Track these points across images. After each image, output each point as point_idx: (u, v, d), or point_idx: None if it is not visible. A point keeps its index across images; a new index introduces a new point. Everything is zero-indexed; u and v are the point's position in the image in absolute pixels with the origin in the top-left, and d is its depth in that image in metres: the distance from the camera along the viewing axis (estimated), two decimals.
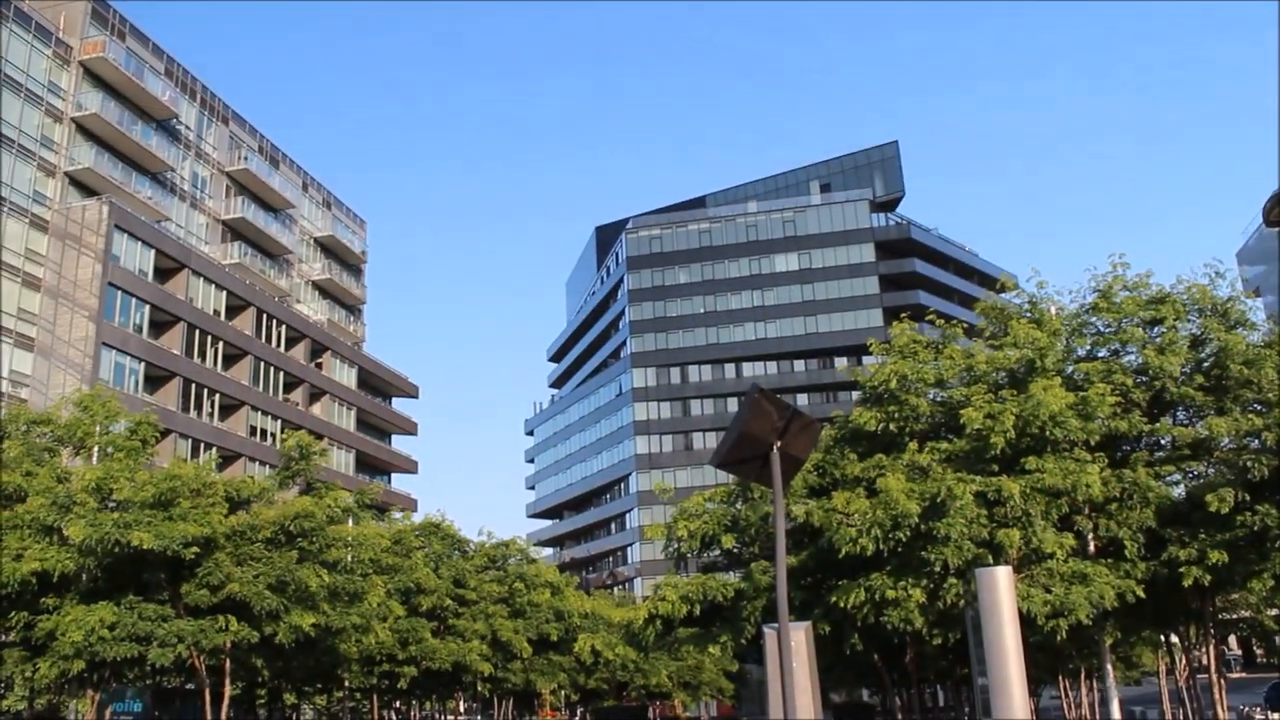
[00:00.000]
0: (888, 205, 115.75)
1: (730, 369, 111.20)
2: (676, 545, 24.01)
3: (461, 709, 57.26)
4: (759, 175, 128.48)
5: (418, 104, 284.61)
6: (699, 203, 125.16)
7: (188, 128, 71.35)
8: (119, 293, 58.33)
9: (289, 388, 74.52)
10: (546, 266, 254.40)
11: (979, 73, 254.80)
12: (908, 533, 18.92)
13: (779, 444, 9.79)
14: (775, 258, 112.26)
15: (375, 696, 40.84)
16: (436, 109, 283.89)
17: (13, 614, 22.41)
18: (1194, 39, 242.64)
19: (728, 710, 78.76)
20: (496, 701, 50.67)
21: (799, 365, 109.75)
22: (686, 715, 74.70)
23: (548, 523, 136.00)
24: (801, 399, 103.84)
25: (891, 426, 21.67)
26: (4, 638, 23.59)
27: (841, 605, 20.04)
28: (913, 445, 21.29)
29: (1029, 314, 23.50)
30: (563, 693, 54.36)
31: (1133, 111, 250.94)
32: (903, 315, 25.63)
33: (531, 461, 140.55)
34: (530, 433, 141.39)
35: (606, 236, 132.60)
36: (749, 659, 32.50)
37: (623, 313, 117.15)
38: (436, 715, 56.84)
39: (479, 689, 43.84)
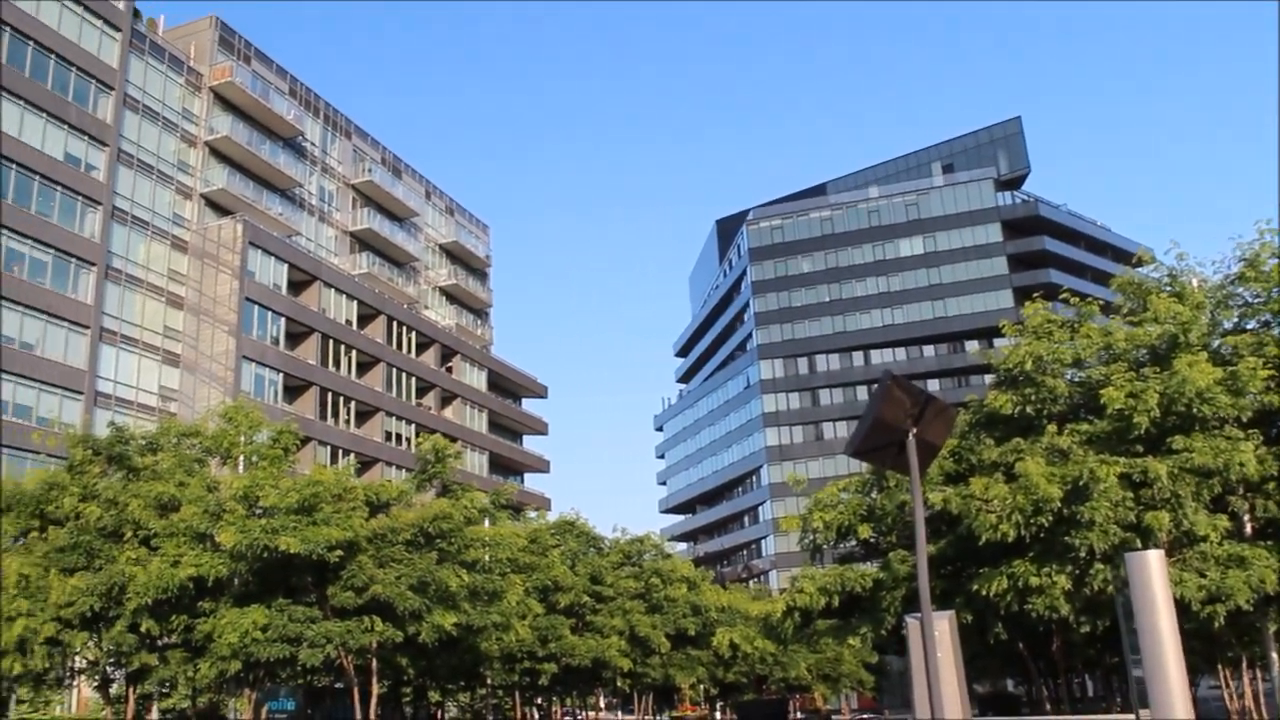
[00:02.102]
0: (1013, 183, 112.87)
1: (858, 357, 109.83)
2: (812, 536, 23.80)
3: (602, 704, 57.75)
4: (879, 159, 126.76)
5: (532, 105, 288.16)
6: (819, 190, 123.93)
7: (313, 144, 73.51)
8: (255, 307, 60.47)
9: (421, 392, 76.21)
10: (669, 262, 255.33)
11: (1103, 39, 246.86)
12: (1050, 518, 18.45)
13: (914, 431, 9.62)
14: (899, 242, 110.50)
15: (517, 693, 41.44)
16: (551, 110, 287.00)
17: (173, 617, 23.37)
18: None
19: (869, 702, 77.91)
20: (636, 696, 50.99)
21: (928, 350, 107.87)
22: (827, 708, 74.12)
23: (681, 518, 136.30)
24: (932, 384, 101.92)
25: (1028, 409, 21.12)
26: (167, 639, 24.60)
27: (983, 593, 19.63)
28: (1051, 428, 20.71)
29: (1169, 287, 22.59)
30: (702, 687, 54.35)
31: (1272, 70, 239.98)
32: (1034, 295, 24.93)
33: (662, 457, 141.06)
34: (660, 428, 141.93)
35: (728, 229, 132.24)
36: (889, 650, 32.09)
37: (747, 305, 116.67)
38: (577, 711, 57.44)
39: (618, 684, 44.15)
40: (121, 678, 26.58)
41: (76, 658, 26.48)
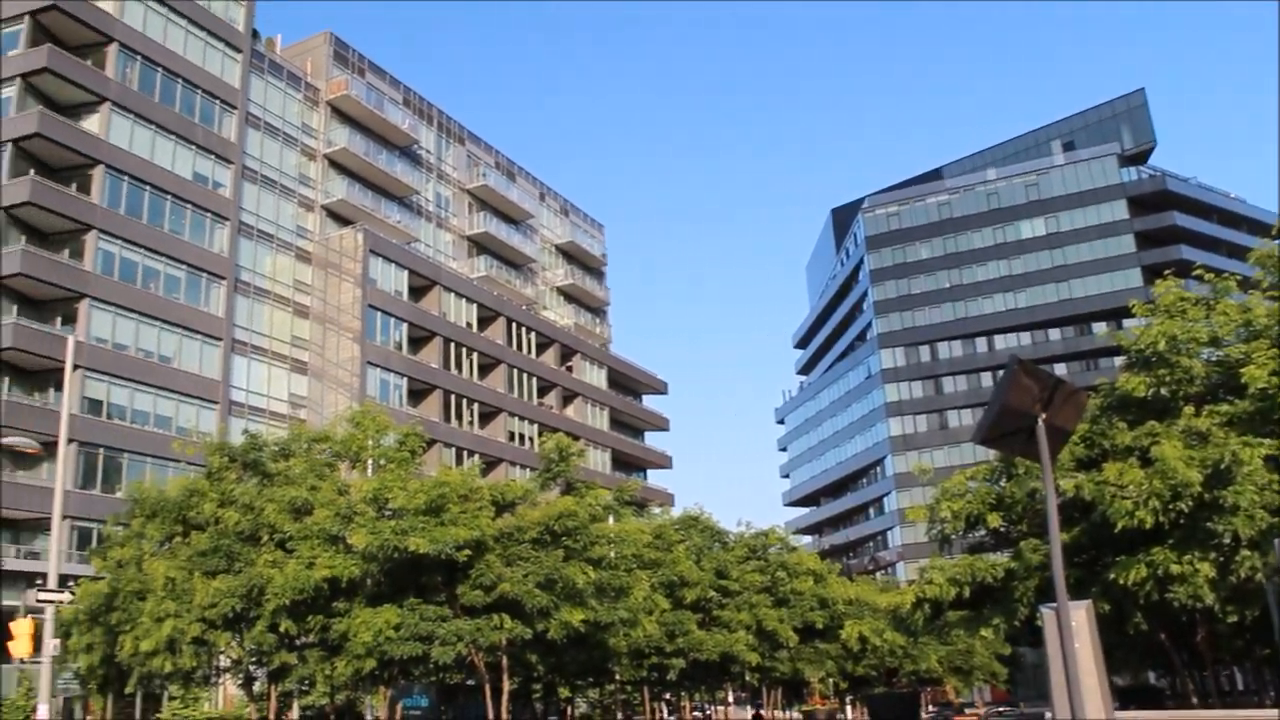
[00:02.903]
0: (1138, 158, 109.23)
1: (981, 343, 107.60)
2: (940, 526, 23.43)
3: (730, 699, 57.65)
4: (996, 140, 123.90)
5: (642, 103, 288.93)
6: (935, 175, 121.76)
7: (428, 151, 74.91)
8: (378, 314, 61.93)
9: (542, 392, 77.07)
10: (784, 253, 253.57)
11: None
12: (1189, 503, 17.81)
13: (1044, 416, 9.38)
14: (1020, 224, 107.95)
15: (645, 688, 41.60)
16: (661, 107, 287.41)
17: (310, 617, 24.04)
18: None
19: (1002, 695, 76.35)
20: (765, 691, 50.77)
21: (1054, 334, 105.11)
22: (959, 701, 72.86)
23: (805, 510, 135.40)
24: (1059, 368, 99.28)
25: (1163, 391, 20.45)
26: (304, 639, 25.31)
27: (1121, 582, 19.03)
28: (1188, 410, 19.99)
29: None
30: (831, 680, 53.88)
31: None
32: (1165, 273, 24.09)
33: (784, 450, 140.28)
34: (781, 421, 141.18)
35: (843, 218, 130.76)
36: (1022, 642, 31.44)
37: (865, 294, 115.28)
38: (706, 705, 57.46)
39: (747, 679, 44.01)
40: (263, 676, 27.44)
41: (221, 656, 27.48)
